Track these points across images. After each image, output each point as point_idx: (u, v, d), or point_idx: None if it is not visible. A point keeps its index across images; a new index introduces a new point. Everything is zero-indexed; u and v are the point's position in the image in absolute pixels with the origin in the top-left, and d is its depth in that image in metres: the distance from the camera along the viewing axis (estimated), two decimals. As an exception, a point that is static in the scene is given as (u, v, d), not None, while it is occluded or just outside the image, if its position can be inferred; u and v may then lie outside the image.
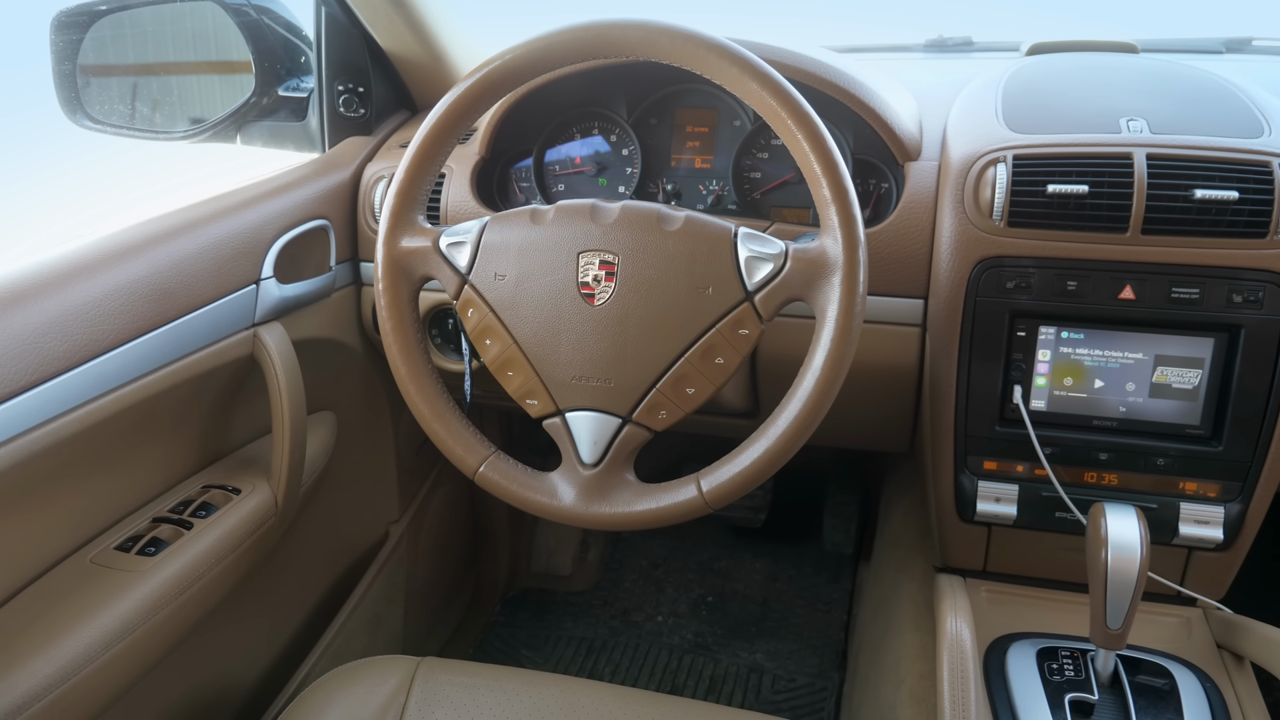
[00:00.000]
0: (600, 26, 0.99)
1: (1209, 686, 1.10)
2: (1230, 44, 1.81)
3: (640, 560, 2.29)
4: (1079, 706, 1.06)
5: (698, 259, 0.97)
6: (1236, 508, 1.17)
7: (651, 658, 2.01)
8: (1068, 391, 1.18)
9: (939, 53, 1.94)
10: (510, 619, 2.13)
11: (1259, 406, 1.12)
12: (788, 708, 1.86)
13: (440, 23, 1.48)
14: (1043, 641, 1.16)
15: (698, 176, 1.40)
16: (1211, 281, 1.10)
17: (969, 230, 1.15)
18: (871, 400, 1.35)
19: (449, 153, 1.09)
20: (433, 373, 1.09)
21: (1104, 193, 1.10)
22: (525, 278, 1.02)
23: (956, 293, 1.17)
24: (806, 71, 1.22)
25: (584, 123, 1.44)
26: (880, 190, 1.32)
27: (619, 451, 1.02)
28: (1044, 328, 1.17)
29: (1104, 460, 1.18)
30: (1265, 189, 1.07)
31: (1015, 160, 1.14)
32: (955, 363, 1.19)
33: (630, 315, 0.99)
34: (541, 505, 1.04)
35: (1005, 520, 1.23)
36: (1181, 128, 1.15)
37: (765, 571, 2.24)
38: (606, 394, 1.01)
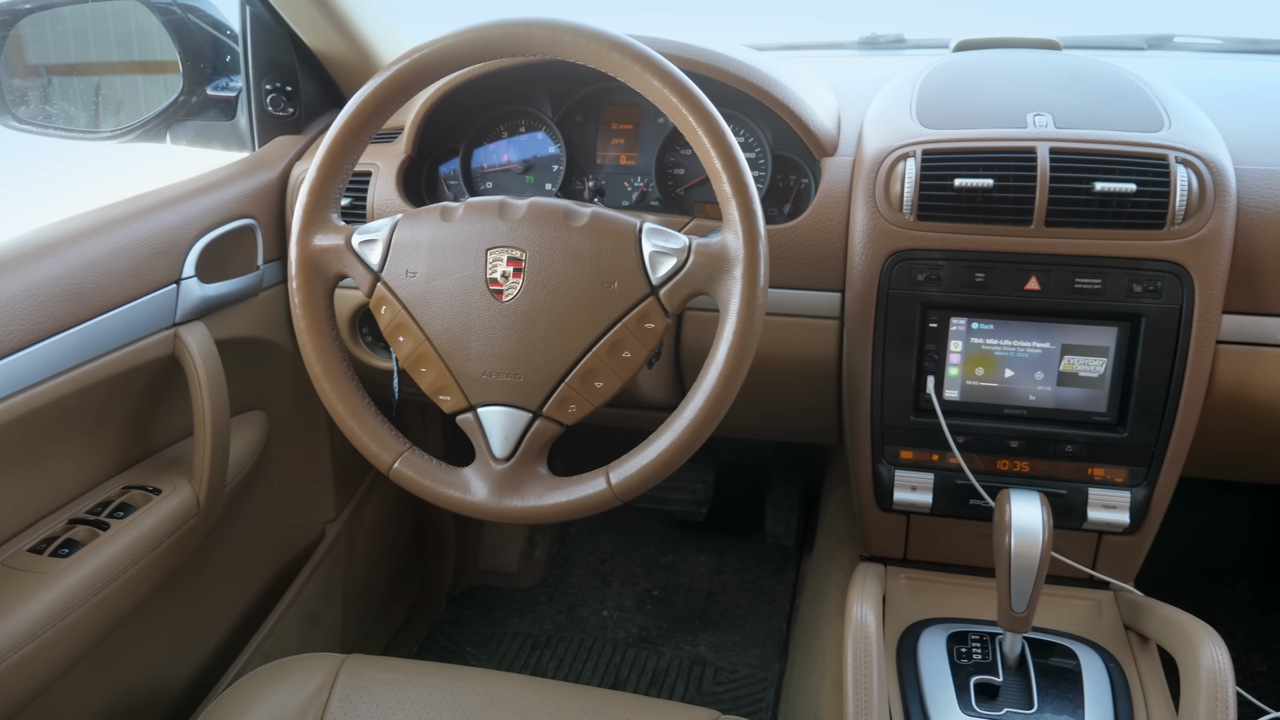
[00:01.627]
0: (507, 25, 1.00)
1: (1113, 667, 1.13)
2: (1152, 41, 1.85)
3: (587, 555, 2.31)
4: (984, 689, 1.08)
5: (603, 254, 0.98)
6: (1142, 492, 1.20)
7: (596, 652, 2.02)
8: (979, 381, 1.20)
9: (872, 50, 1.96)
10: (456, 617, 2.13)
11: (1161, 393, 1.15)
12: (728, 699, 1.88)
13: (366, 21, 1.48)
14: (954, 626, 1.19)
15: (623, 173, 1.42)
16: (1113, 272, 1.12)
17: (880, 224, 1.17)
18: (795, 393, 1.37)
19: (361, 151, 1.09)
20: (348, 370, 1.10)
21: (1009, 186, 1.12)
22: (435, 275, 1.03)
23: (870, 286, 1.19)
24: (718, 68, 1.24)
25: (511, 121, 1.45)
26: (800, 186, 1.34)
27: (530, 446, 1.03)
28: (955, 319, 1.19)
29: (1015, 448, 1.21)
30: (1162, 182, 1.09)
31: (924, 155, 1.16)
32: (870, 354, 1.21)
33: (538, 311, 1.00)
34: (455, 500, 1.05)
35: (922, 508, 1.25)
36: (1085, 122, 1.17)
37: (710, 565, 2.26)
38: (516, 389, 1.02)
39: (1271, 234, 1.12)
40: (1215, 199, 1.10)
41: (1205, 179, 1.10)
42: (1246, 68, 1.67)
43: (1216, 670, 1.00)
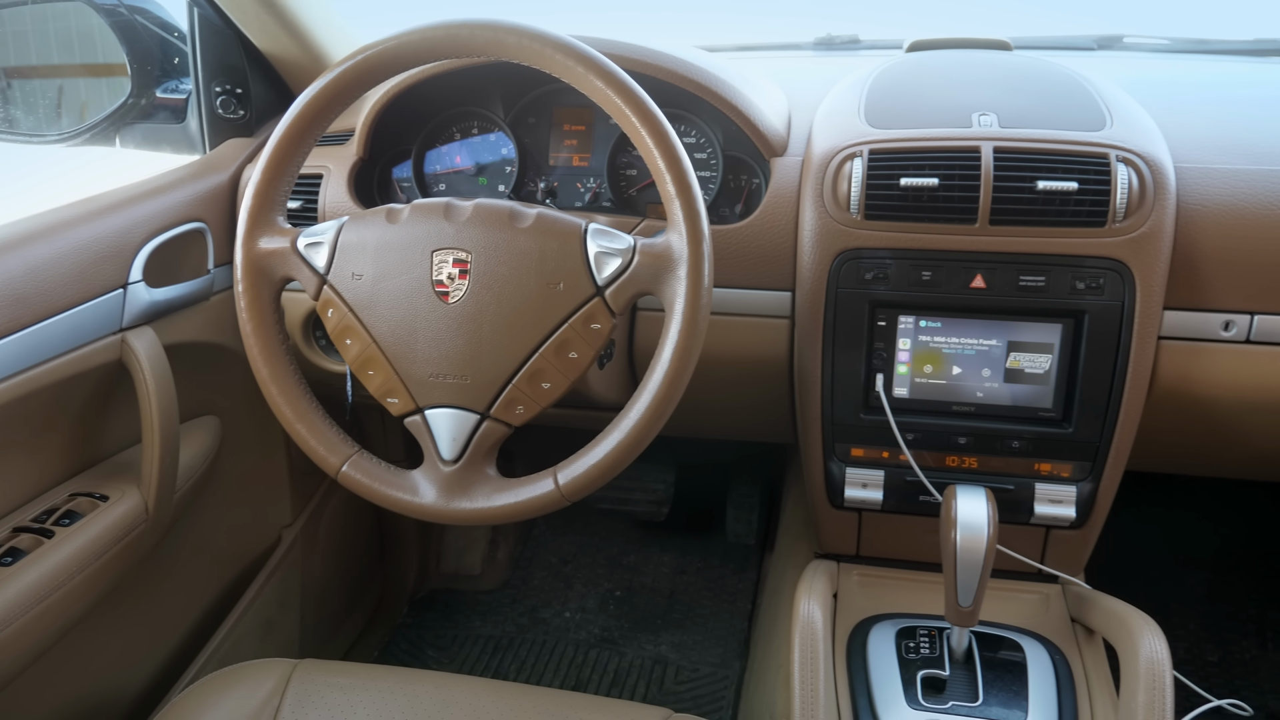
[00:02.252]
0: (450, 26, 1.00)
1: (1058, 659, 1.14)
2: (1102, 41, 1.87)
3: (550, 557, 2.30)
4: (931, 683, 1.09)
5: (548, 255, 0.99)
6: (1088, 487, 1.21)
7: (558, 653, 2.02)
8: (928, 378, 1.21)
9: (827, 50, 1.97)
10: (418, 620, 2.12)
11: (1104, 389, 1.16)
12: (689, 698, 1.88)
13: (317, 22, 1.47)
14: (904, 621, 1.20)
15: (576, 174, 1.42)
16: (1056, 269, 1.14)
17: (828, 223, 1.18)
18: (748, 392, 1.38)
19: (307, 154, 1.09)
20: (296, 373, 1.09)
21: (954, 185, 1.13)
22: (382, 277, 1.03)
23: (819, 285, 1.20)
24: (665, 69, 1.25)
25: (463, 122, 1.45)
26: (751, 186, 1.34)
27: (478, 447, 1.03)
28: (903, 317, 1.20)
29: (963, 444, 1.22)
30: (1103, 180, 1.11)
31: (870, 154, 1.17)
32: (820, 353, 1.22)
33: (484, 312, 1.00)
34: (402, 503, 1.05)
35: (873, 505, 1.26)
36: (1029, 122, 1.19)
37: (673, 564, 2.26)
38: (463, 391, 1.02)
39: (1210, 230, 1.14)
40: (1155, 197, 1.11)
41: (1145, 177, 1.11)
42: (1193, 67, 1.70)
43: (1155, 660, 1.01)
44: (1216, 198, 1.15)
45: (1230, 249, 1.14)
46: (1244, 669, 1.90)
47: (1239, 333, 1.16)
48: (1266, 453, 1.29)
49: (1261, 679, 1.88)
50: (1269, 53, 1.73)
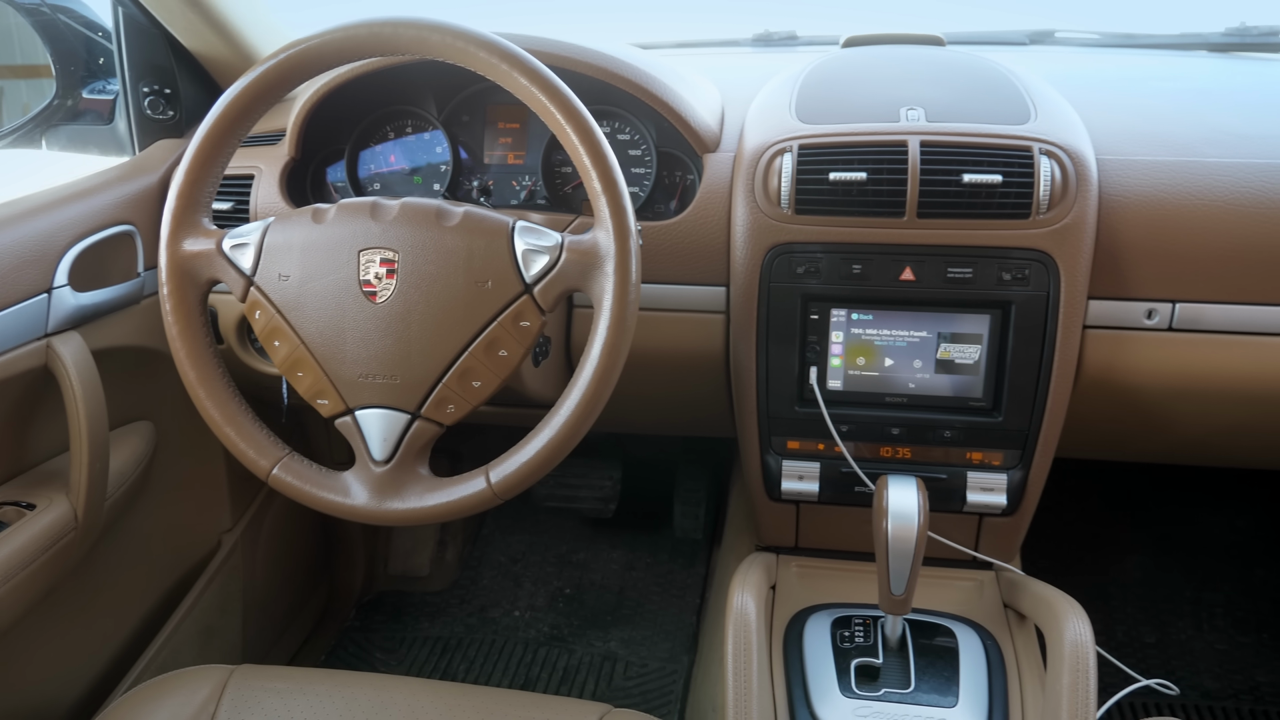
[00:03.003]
0: (373, 24, 0.99)
1: (990, 644, 1.16)
2: (1034, 36, 1.90)
3: (499, 556, 2.30)
4: (865, 671, 1.11)
5: (476, 253, 0.98)
6: (1019, 474, 1.23)
7: (507, 653, 2.02)
8: (861, 371, 1.23)
9: (766, 47, 1.98)
10: (365, 623, 2.11)
11: (1032, 378, 1.18)
12: (638, 693, 1.89)
13: (246, 20, 1.45)
14: (840, 611, 1.21)
15: (511, 172, 1.41)
16: (983, 261, 1.15)
17: (760, 218, 1.19)
18: (686, 387, 1.39)
19: (231, 154, 1.08)
20: (224, 376, 1.08)
21: (882, 179, 1.15)
22: (309, 278, 1.02)
23: (751, 279, 1.20)
24: (594, 65, 1.25)
25: (397, 121, 1.44)
26: (686, 182, 1.35)
27: (410, 447, 1.03)
28: (835, 310, 1.21)
29: (896, 435, 1.24)
30: (1026, 172, 1.13)
31: (800, 149, 1.18)
32: (754, 347, 1.23)
33: (413, 312, 1.00)
34: (335, 505, 1.04)
35: (809, 497, 1.27)
36: (955, 116, 1.20)
37: (622, 561, 2.26)
38: (393, 391, 1.01)
39: (1132, 221, 1.17)
40: (1077, 189, 1.13)
41: (1068, 169, 1.13)
42: (1120, 62, 1.73)
43: (1079, 643, 1.03)
44: (1137, 189, 1.18)
45: (1151, 239, 1.16)
46: (1180, 650, 1.95)
47: (1161, 321, 1.19)
48: (1191, 438, 1.32)
49: (1197, 659, 1.92)
50: (1193, 46, 1.77)
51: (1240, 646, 1.94)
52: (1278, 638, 1.95)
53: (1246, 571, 2.07)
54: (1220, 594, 2.04)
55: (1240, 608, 2.01)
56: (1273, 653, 1.92)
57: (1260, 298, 1.16)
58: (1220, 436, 1.31)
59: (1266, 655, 1.92)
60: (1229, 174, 1.17)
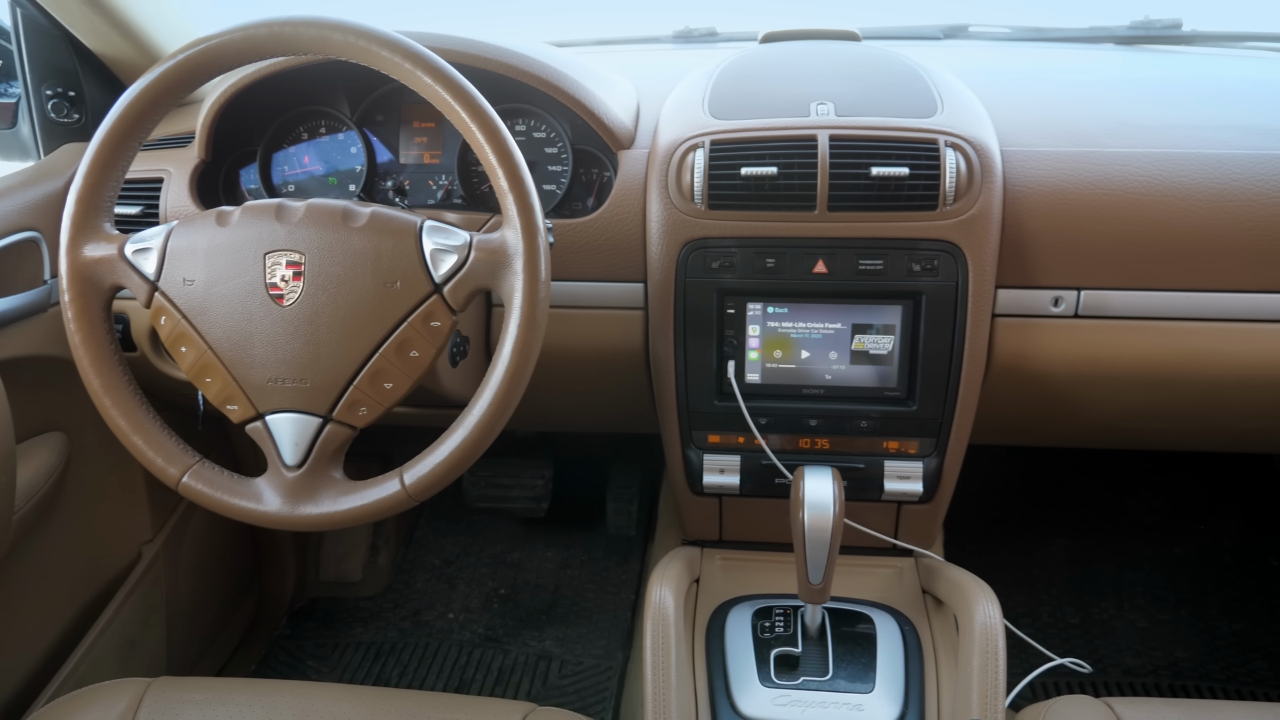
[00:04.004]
0: (274, 24, 0.98)
1: (907, 630, 1.18)
2: (948, 30, 1.93)
3: (433, 559, 2.28)
4: (784, 660, 1.12)
5: (384, 254, 0.98)
6: (934, 462, 1.26)
7: (441, 656, 2.01)
8: (778, 364, 1.24)
9: (686, 43, 1.99)
10: (297, 631, 2.08)
11: (944, 367, 1.20)
12: (573, 691, 1.89)
13: (150, 20, 1.42)
14: (761, 602, 1.22)
15: (427, 172, 1.40)
16: (893, 253, 1.17)
17: (674, 214, 1.20)
18: (609, 384, 1.39)
19: (131, 158, 1.06)
20: (130, 384, 1.06)
21: (793, 173, 1.16)
22: (214, 282, 1.01)
23: (667, 275, 1.21)
24: (504, 64, 1.24)
25: (310, 122, 1.42)
26: (603, 179, 1.35)
27: (322, 451, 1.02)
28: (751, 304, 1.22)
29: (814, 426, 1.25)
30: (933, 165, 1.15)
31: (712, 145, 1.19)
32: (672, 342, 1.23)
33: (321, 314, 0.99)
34: (247, 511, 1.03)
35: (731, 490, 1.28)
36: (864, 110, 1.22)
37: (557, 560, 2.26)
38: (304, 394, 1.00)
39: (1036, 211, 1.19)
40: (982, 180, 1.16)
41: (973, 161, 1.16)
42: (1029, 55, 1.77)
43: (989, 625, 1.06)
44: (1041, 179, 1.20)
45: (1054, 228, 1.19)
46: (1102, 629, 2.00)
47: (1068, 308, 1.22)
48: (1100, 422, 1.35)
49: (1119, 638, 1.97)
50: (1100, 39, 1.81)
51: (1160, 624, 1.99)
52: (1195, 614, 2.01)
53: (1165, 550, 2.13)
54: (1140, 573, 2.10)
55: (1159, 586, 2.07)
56: (1191, 629, 1.98)
57: (1161, 284, 1.20)
58: (1128, 420, 1.35)
59: (1185, 631, 1.97)
60: (1128, 164, 1.20)
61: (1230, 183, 1.18)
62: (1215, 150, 1.21)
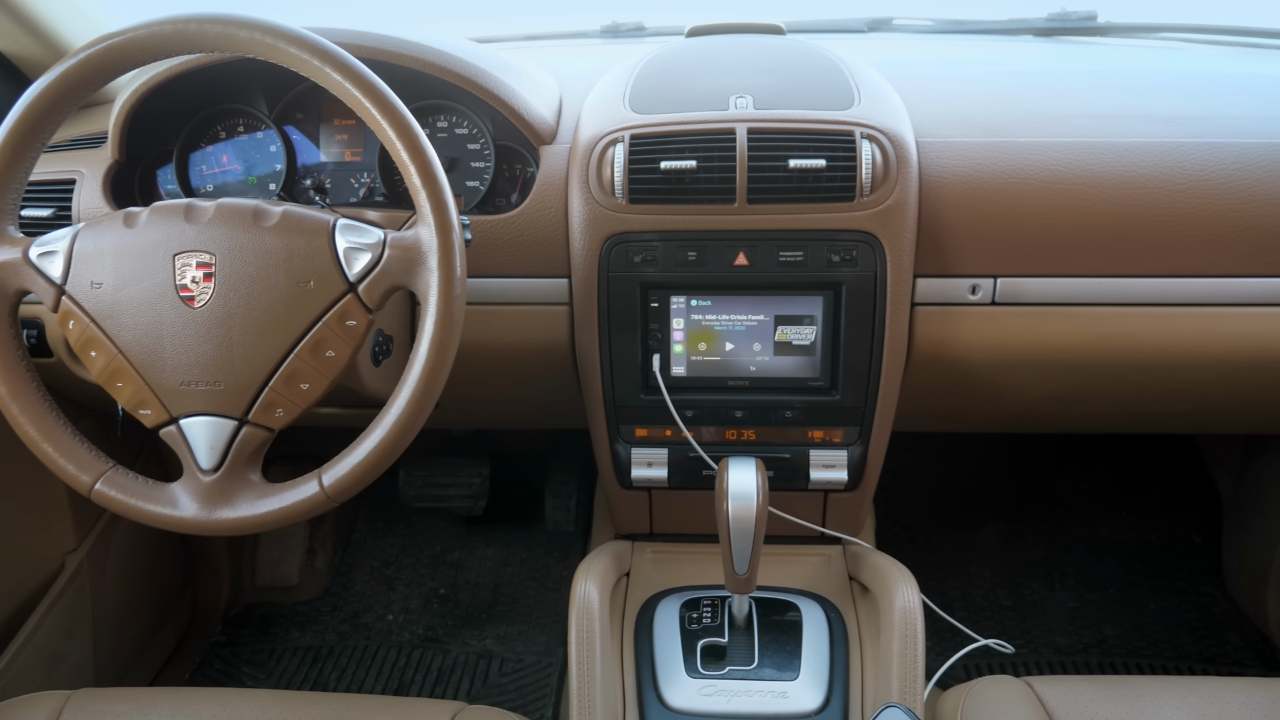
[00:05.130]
0: (179, 21, 0.96)
1: (833, 616, 1.20)
2: (872, 24, 1.95)
3: (371, 561, 2.26)
4: (711, 650, 1.13)
5: (296, 253, 0.97)
6: (858, 451, 1.27)
7: (380, 658, 1.99)
8: (703, 356, 1.25)
9: (614, 38, 1.99)
10: (232, 638, 2.05)
11: (865, 356, 1.22)
12: (513, 689, 1.89)
13: (57, 16, 1.39)
14: (690, 594, 1.23)
15: (349, 170, 1.39)
16: (813, 244, 1.18)
17: (596, 209, 1.20)
18: (537, 380, 1.38)
19: (34, 159, 1.03)
20: (39, 391, 1.04)
21: (712, 166, 1.16)
22: (122, 284, 0.99)
23: (590, 270, 1.21)
24: (422, 60, 1.23)
25: (228, 120, 1.40)
26: (526, 175, 1.35)
27: (239, 454, 1.01)
28: (674, 297, 1.23)
29: (740, 417, 1.26)
30: (849, 156, 1.16)
31: (632, 139, 1.19)
32: (596, 337, 1.24)
33: (233, 315, 0.97)
34: (163, 517, 1.01)
35: (660, 483, 1.29)
36: (782, 103, 1.23)
37: (497, 558, 2.25)
38: (218, 397, 0.99)
39: (951, 200, 1.21)
40: (898, 171, 1.17)
41: (888, 152, 1.17)
42: (950, 47, 1.79)
43: (908, 610, 1.07)
44: (955, 169, 1.22)
45: (969, 217, 1.21)
46: (1034, 609, 2.04)
47: (985, 296, 1.24)
48: (1021, 407, 1.38)
49: (1050, 618, 2.01)
50: (1019, 31, 1.84)
51: (1089, 603, 2.04)
52: (1123, 593, 2.06)
53: (1093, 531, 2.18)
54: (1070, 554, 2.14)
55: (1089, 566, 2.12)
56: (1119, 606, 2.03)
57: (1073, 270, 1.22)
58: (1047, 404, 1.38)
59: (1113, 609, 2.02)
60: (1040, 153, 1.22)
61: (1138, 170, 1.21)
62: (1124, 139, 1.23)
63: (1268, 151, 1.21)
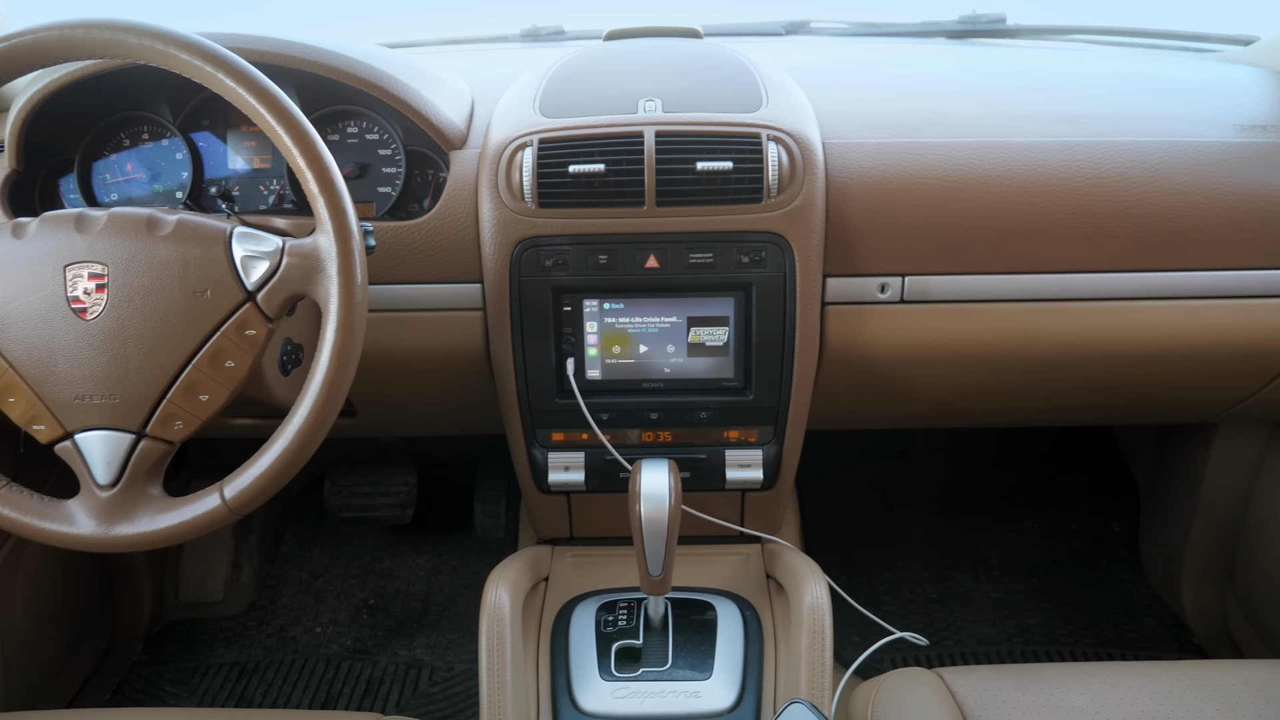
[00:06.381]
0: (65, 27, 0.94)
1: (749, 614, 1.21)
2: (790, 26, 1.97)
3: (299, 573, 2.23)
4: (625, 652, 1.13)
5: (192, 262, 0.95)
6: (773, 449, 1.28)
7: (308, 671, 1.96)
8: (617, 359, 1.25)
9: (534, 42, 1.98)
10: (155, 656, 2.01)
11: (777, 356, 1.23)
12: (443, 698, 1.87)
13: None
14: (607, 597, 1.23)
15: (258, 177, 1.37)
16: (723, 246, 1.19)
17: (506, 214, 1.19)
18: (452, 386, 1.38)
19: None
20: None
21: (621, 170, 1.17)
22: (11, 297, 0.96)
23: (502, 275, 1.21)
24: (326, 65, 1.22)
25: (132, 128, 1.37)
26: (438, 180, 1.34)
27: (137, 468, 0.99)
28: (587, 301, 1.23)
29: (655, 419, 1.27)
30: (756, 158, 1.17)
31: (540, 144, 1.19)
32: (510, 342, 1.23)
33: (128, 327, 0.95)
34: (58, 535, 0.99)
35: (578, 487, 1.29)
36: (691, 106, 1.24)
37: (428, 566, 2.23)
38: (113, 411, 0.97)
39: (857, 200, 1.23)
40: (805, 172, 1.18)
41: (794, 154, 1.18)
42: (864, 49, 1.81)
43: (816, 606, 1.09)
44: (862, 170, 1.24)
45: (876, 217, 1.23)
46: (960, 601, 2.07)
47: (893, 294, 1.26)
48: (933, 403, 1.40)
49: (975, 608, 2.05)
50: (932, 34, 1.87)
51: (1013, 593, 2.08)
52: (1046, 581, 2.10)
53: (1016, 522, 2.22)
54: (994, 545, 2.18)
55: (1013, 557, 2.16)
56: (1041, 596, 2.07)
57: (978, 267, 1.25)
58: (959, 400, 1.40)
59: (1036, 599, 2.06)
60: (943, 153, 1.24)
61: (1038, 169, 1.23)
62: (1024, 139, 1.26)
63: (1161, 150, 1.24)
